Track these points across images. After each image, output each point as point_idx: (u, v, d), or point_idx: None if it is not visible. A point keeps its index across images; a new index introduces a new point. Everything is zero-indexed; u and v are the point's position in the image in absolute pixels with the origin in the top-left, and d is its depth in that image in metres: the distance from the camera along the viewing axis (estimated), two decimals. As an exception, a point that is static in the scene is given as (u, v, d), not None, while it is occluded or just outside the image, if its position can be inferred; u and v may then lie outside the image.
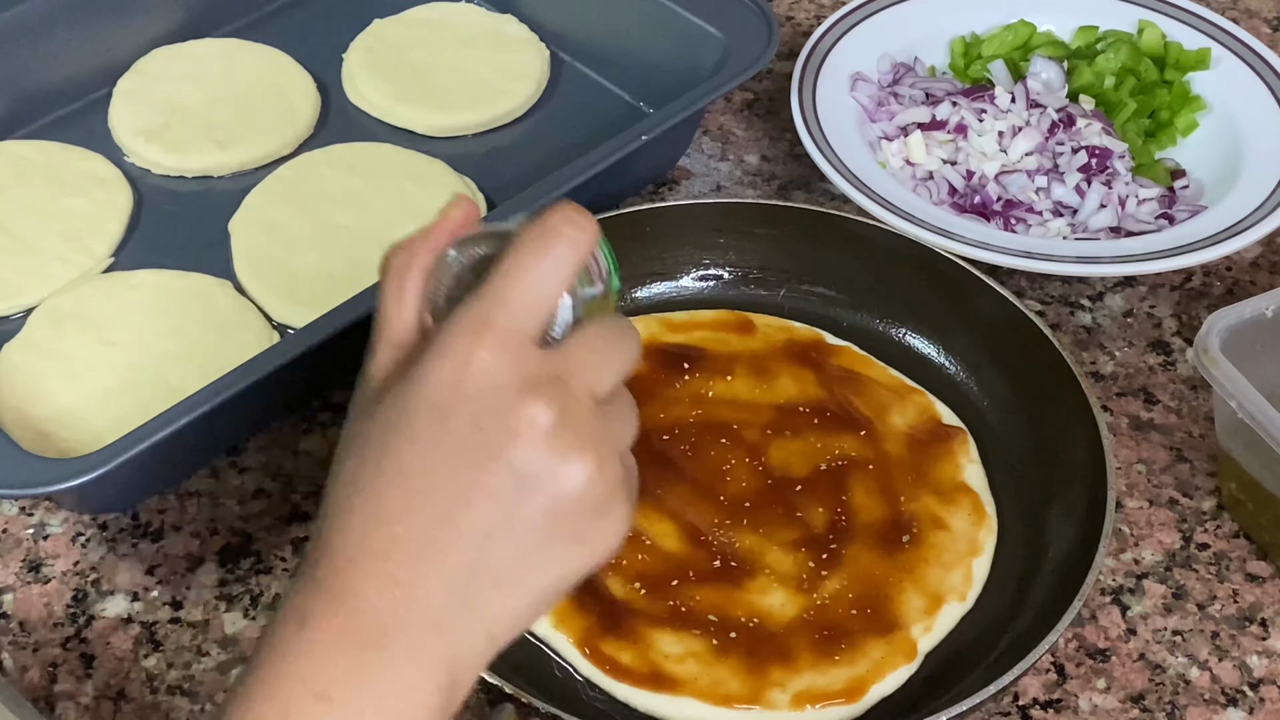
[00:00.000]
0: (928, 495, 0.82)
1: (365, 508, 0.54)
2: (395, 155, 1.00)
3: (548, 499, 0.54)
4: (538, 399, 0.54)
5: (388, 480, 0.54)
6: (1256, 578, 0.83)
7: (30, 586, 0.81)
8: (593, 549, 0.56)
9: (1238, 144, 1.00)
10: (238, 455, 0.87)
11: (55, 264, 0.92)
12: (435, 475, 0.54)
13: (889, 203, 0.93)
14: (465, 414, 0.54)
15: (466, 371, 0.54)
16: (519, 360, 0.54)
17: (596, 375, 0.56)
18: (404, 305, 0.58)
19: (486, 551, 0.54)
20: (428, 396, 0.54)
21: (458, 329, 0.55)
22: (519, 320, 0.55)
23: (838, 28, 1.05)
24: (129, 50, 1.05)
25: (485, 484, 0.54)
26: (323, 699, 0.53)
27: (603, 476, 0.55)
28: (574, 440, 0.54)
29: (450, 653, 0.54)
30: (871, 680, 0.75)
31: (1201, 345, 0.79)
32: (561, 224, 0.56)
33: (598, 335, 0.57)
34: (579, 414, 0.55)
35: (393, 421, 0.55)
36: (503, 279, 0.55)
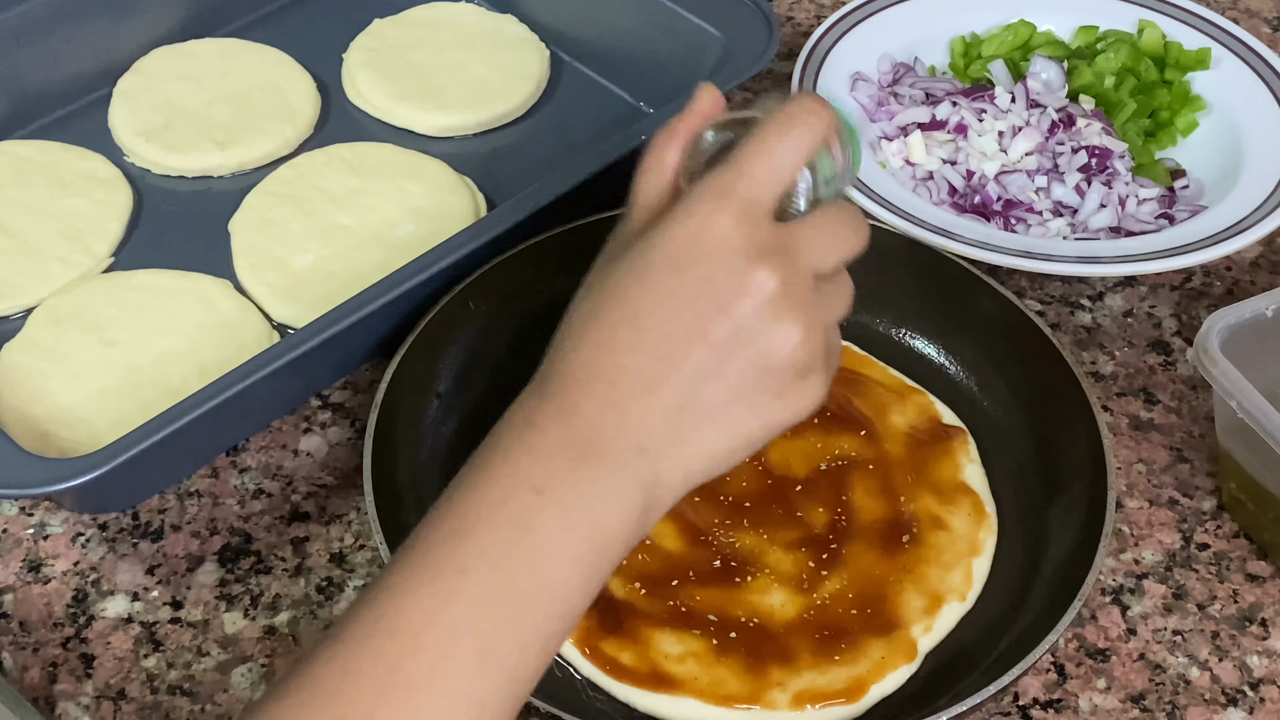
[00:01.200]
0: (928, 495, 0.82)
1: (598, 338, 0.61)
2: (395, 155, 1.00)
3: (759, 353, 0.61)
4: (765, 265, 0.60)
5: (621, 317, 0.61)
6: (1256, 578, 0.83)
7: (30, 586, 0.81)
8: (789, 407, 0.62)
9: (1238, 144, 1.00)
10: (238, 455, 0.87)
11: (55, 264, 0.92)
12: (664, 317, 0.60)
13: (889, 203, 0.93)
14: (699, 268, 0.60)
15: (706, 231, 0.60)
16: (754, 228, 0.60)
17: (821, 254, 0.62)
18: (661, 175, 0.65)
19: (698, 391, 0.60)
20: (667, 249, 0.61)
21: (702, 194, 0.61)
22: (758, 191, 0.61)
23: (838, 28, 1.06)
24: (129, 50, 1.05)
25: (707, 331, 0.60)
26: (538, 492, 0.59)
27: (809, 344, 0.61)
28: (792, 307, 0.60)
29: (650, 477, 0.60)
30: (871, 680, 0.75)
31: (1201, 345, 0.79)
32: (801, 111, 0.62)
33: (828, 218, 0.63)
34: (800, 285, 0.61)
35: (634, 267, 0.61)
36: (746, 154, 0.61)
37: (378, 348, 0.89)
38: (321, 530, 0.83)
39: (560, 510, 0.59)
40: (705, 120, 0.66)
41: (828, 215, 0.63)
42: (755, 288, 0.60)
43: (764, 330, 0.60)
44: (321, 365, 0.88)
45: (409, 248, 0.89)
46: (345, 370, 0.91)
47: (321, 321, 0.81)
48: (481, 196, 0.98)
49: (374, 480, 0.77)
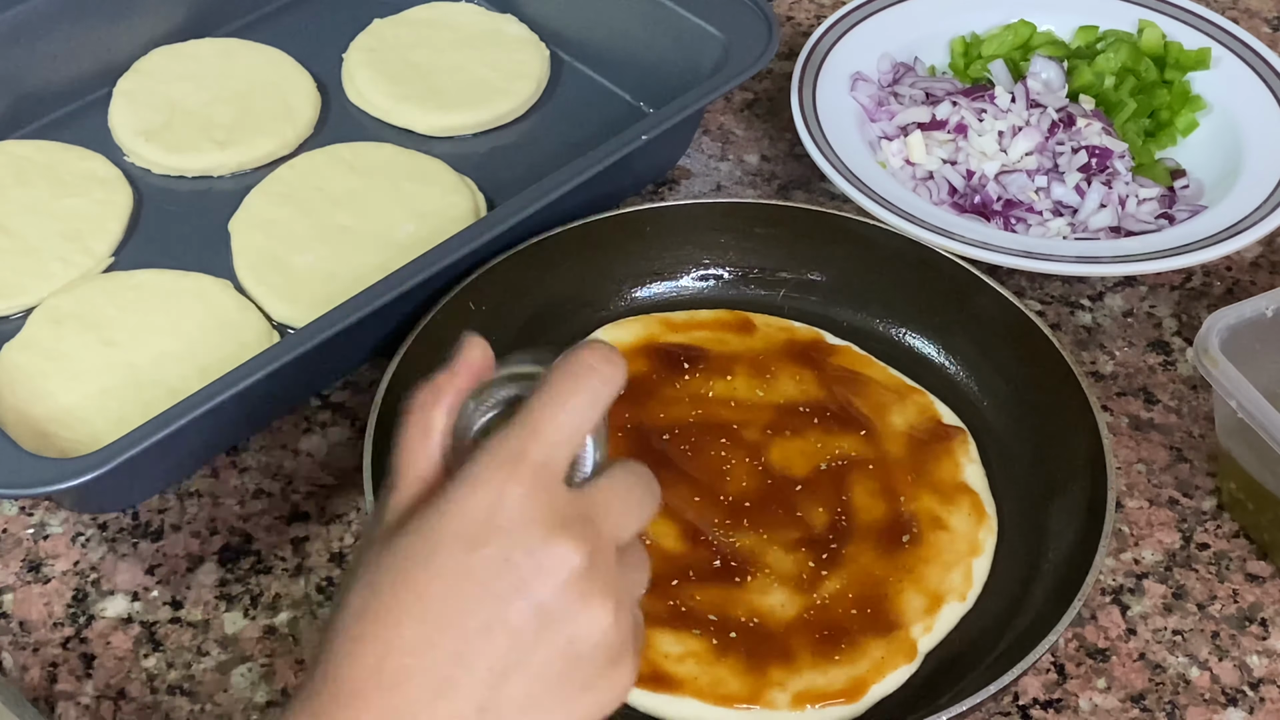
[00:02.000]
0: (928, 495, 0.82)
1: (377, 637, 0.53)
2: (395, 155, 1.00)
3: (566, 641, 0.54)
4: (569, 539, 0.53)
5: (405, 610, 0.53)
6: (1256, 578, 0.83)
7: (30, 586, 0.81)
8: (600, 699, 0.55)
9: (1238, 144, 1.00)
10: (238, 455, 0.87)
11: (55, 264, 0.92)
12: (457, 606, 0.53)
13: (889, 203, 0.93)
14: (495, 547, 0.53)
15: (499, 504, 0.53)
16: (551, 497, 0.54)
17: (622, 521, 0.56)
18: (429, 442, 0.57)
19: (499, 690, 0.53)
20: (456, 526, 0.53)
21: (490, 461, 0.54)
22: (552, 455, 0.54)
23: (838, 28, 1.05)
24: (129, 50, 1.05)
25: (508, 619, 0.53)
26: None
27: (619, 625, 0.55)
28: (599, 585, 0.54)
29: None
30: (871, 680, 0.75)
31: (1201, 345, 0.79)
32: (596, 361, 0.56)
33: (624, 481, 0.57)
34: (605, 559, 0.55)
35: (414, 551, 0.54)
36: (537, 413, 0.54)
37: (378, 348, 0.89)
38: (321, 530, 0.83)
39: None
40: (476, 377, 0.58)
41: (623, 476, 0.57)
42: (559, 564, 0.53)
43: (570, 614, 0.53)
44: (321, 365, 0.88)
45: (409, 248, 0.89)
46: (345, 370, 0.91)
47: (321, 321, 0.81)
48: (481, 196, 0.98)
49: (374, 480, 0.77)
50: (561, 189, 0.88)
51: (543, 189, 0.88)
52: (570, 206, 0.89)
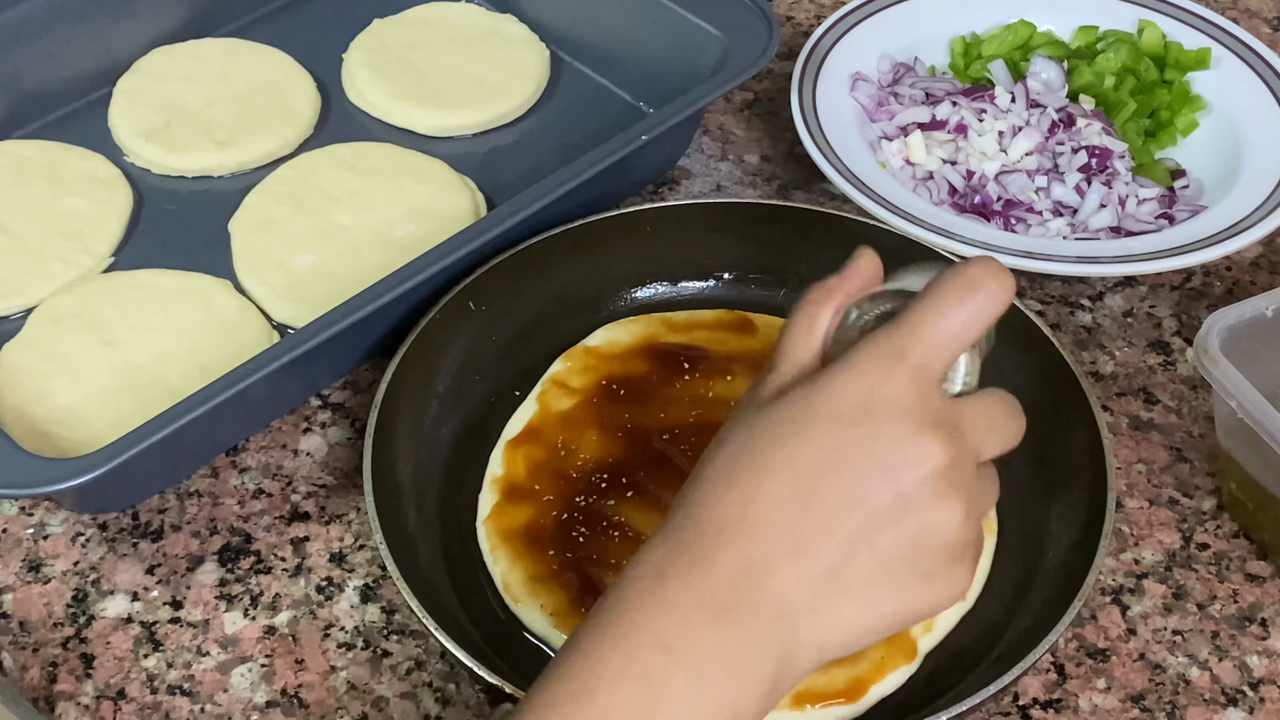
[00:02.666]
0: (928, 495, 0.82)
1: (746, 485, 0.56)
2: (395, 155, 1.00)
3: (916, 529, 0.56)
4: (936, 437, 0.56)
5: (774, 469, 0.56)
6: (1256, 578, 0.83)
7: (30, 586, 0.81)
8: (935, 593, 0.57)
9: (1238, 144, 1.00)
10: (238, 455, 0.87)
11: (55, 264, 0.92)
12: (822, 473, 0.56)
13: (889, 203, 0.93)
14: (867, 427, 0.56)
15: (876, 391, 0.56)
16: (926, 396, 0.57)
17: (987, 439, 0.58)
18: (813, 335, 0.61)
19: (847, 558, 0.56)
20: (833, 404, 0.56)
21: (873, 352, 0.57)
22: (930, 357, 0.57)
23: (838, 28, 1.06)
24: (129, 50, 1.05)
25: (867, 497, 0.56)
26: (669, 650, 0.54)
27: (967, 528, 0.57)
28: (956, 486, 0.56)
29: (788, 643, 0.56)
30: (871, 680, 0.75)
31: (1201, 345, 0.79)
32: (987, 276, 0.58)
33: (994, 403, 0.59)
34: (966, 465, 0.57)
35: (792, 419, 0.57)
36: (923, 315, 0.57)
37: (378, 348, 0.89)
38: (321, 530, 0.83)
39: (693, 673, 0.54)
40: (864, 286, 0.62)
41: (994, 400, 0.60)
42: (924, 457, 0.56)
43: (927, 505, 0.56)
44: (321, 365, 0.88)
45: (409, 248, 0.89)
46: (345, 370, 0.91)
47: (321, 321, 0.81)
48: (481, 196, 0.98)
49: (374, 480, 0.77)
50: (561, 189, 0.88)
51: (543, 189, 0.88)
52: (570, 206, 0.89)
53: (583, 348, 0.89)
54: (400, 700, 0.76)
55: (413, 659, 0.78)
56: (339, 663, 0.77)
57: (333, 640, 0.78)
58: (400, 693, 0.76)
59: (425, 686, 0.77)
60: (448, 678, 0.77)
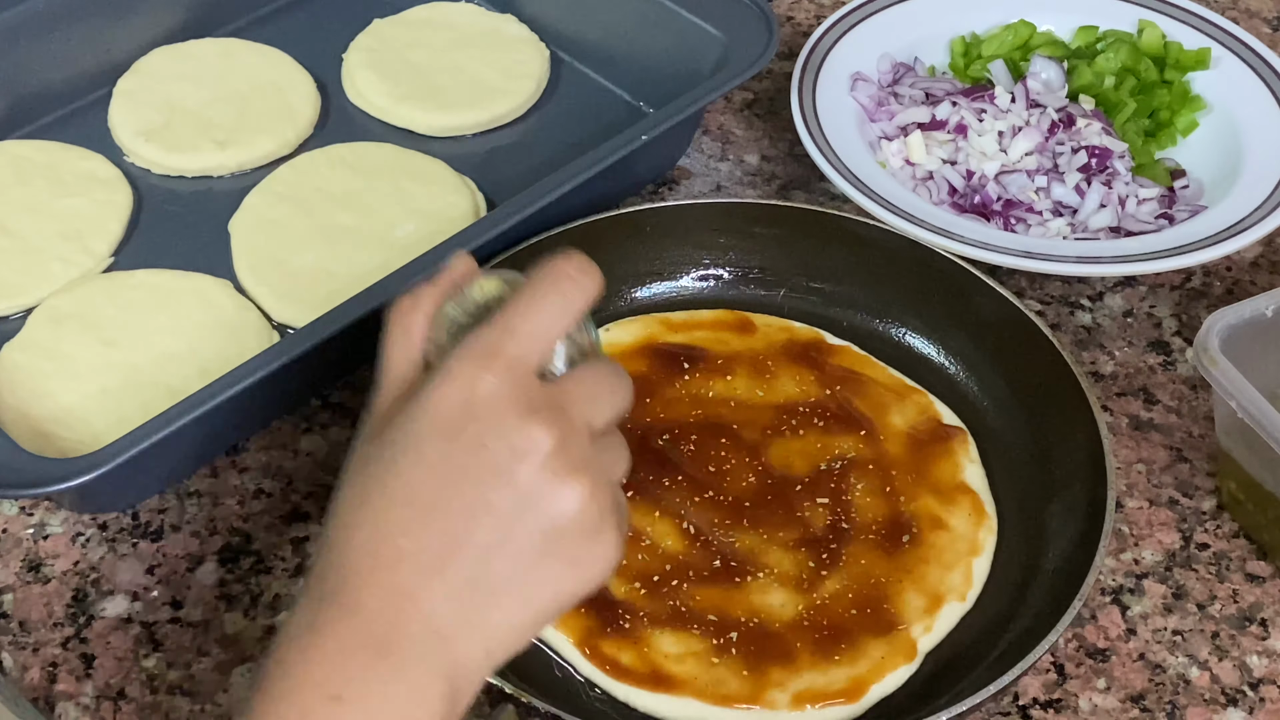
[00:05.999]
0: (928, 495, 0.82)
1: (374, 523, 0.57)
2: (395, 155, 1.00)
3: (545, 518, 0.57)
4: (540, 423, 0.57)
5: (395, 497, 0.57)
6: (1256, 578, 0.83)
7: (30, 586, 0.81)
8: (584, 571, 0.59)
9: (1238, 144, 1.00)
10: (238, 455, 0.87)
11: (55, 264, 0.92)
12: (441, 489, 0.57)
13: (889, 203, 0.93)
14: (471, 434, 0.57)
15: (473, 394, 0.57)
16: (524, 387, 0.58)
17: (593, 409, 0.60)
18: (410, 345, 0.62)
19: (487, 566, 0.57)
20: (435, 417, 0.57)
21: (467, 354, 0.58)
22: (525, 350, 0.58)
23: (838, 28, 1.06)
24: (129, 50, 1.05)
25: (489, 501, 0.57)
26: (337, 700, 0.55)
27: (596, 501, 0.58)
28: (571, 465, 0.57)
29: (451, 661, 0.57)
30: (871, 680, 0.75)
31: (1201, 345, 0.79)
32: (572, 270, 0.60)
33: (594, 373, 0.61)
34: (577, 441, 0.58)
35: (400, 442, 0.58)
36: (513, 312, 0.59)
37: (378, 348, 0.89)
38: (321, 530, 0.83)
39: (364, 712, 0.55)
40: (455, 287, 0.63)
41: (593, 371, 0.61)
42: (532, 448, 0.57)
43: (547, 493, 0.57)
44: (321, 365, 0.88)
45: (409, 248, 0.89)
46: (345, 370, 0.91)
47: (321, 321, 0.81)
48: (481, 196, 0.98)
49: (374, 480, 0.77)
50: (561, 189, 0.88)
51: (543, 189, 0.88)
52: (570, 206, 0.89)
53: (583, 348, 0.89)
54: (400, 700, 0.76)
55: (413, 659, 0.78)
56: (339, 663, 0.77)
57: (333, 640, 0.78)
58: (400, 693, 0.76)
59: (425, 686, 0.77)
60: (448, 678, 0.77)
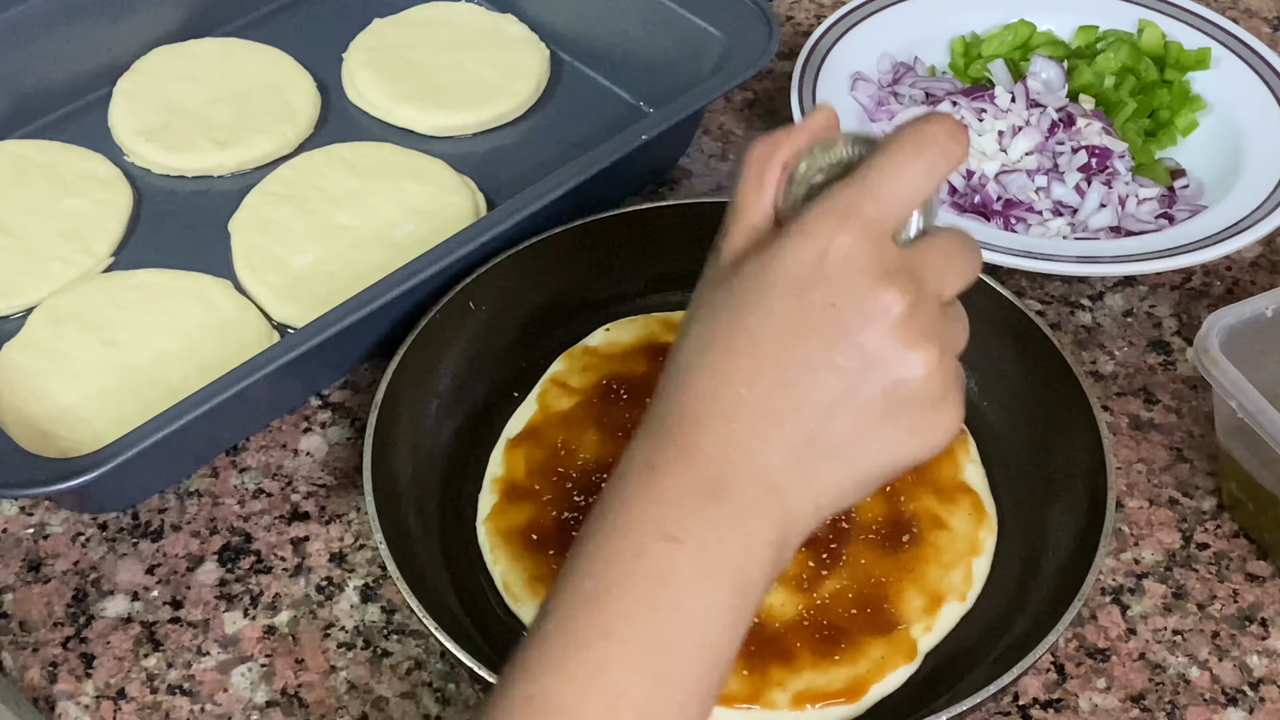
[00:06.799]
0: (928, 495, 0.82)
1: (715, 368, 0.57)
2: (395, 155, 1.00)
3: (889, 382, 0.57)
4: (892, 287, 0.56)
5: (739, 346, 0.57)
6: (1256, 578, 0.83)
7: (30, 586, 0.81)
8: (922, 440, 0.59)
9: (1238, 144, 1.00)
10: (238, 455, 0.87)
11: (55, 264, 0.92)
12: (786, 345, 0.57)
13: (889, 203, 0.92)
14: (822, 291, 0.56)
15: (828, 252, 0.56)
16: (879, 249, 0.57)
17: (946, 278, 0.59)
18: (763, 193, 0.60)
19: (825, 423, 0.57)
20: (787, 271, 0.57)
21: (824, 211, 0.57)
22: (883, 213, 0.57)
23: (838, 27, 1.06)
24: (129, 50, 1.05)
25: (833, 359, 0.56)
26: (672, 539, 0.55)
27: (941, 369, 0.58)
28: (921, 331, 0.57)
29: (782, 512, 0.57)
30: (871, 680, 0.75)
31: (1201, 345, 0.79)
32: (941, 133, 0.58)
33: (951, 241, 0.59)
34: (927, 309, 0.57)
35: (748, 291, 0.58)
36: (876, 172, 0.57)
37: (378, 348, 0.89)
38: (321, 530, 0.83)
39: (698, 557, 0.56)
40: (813, 138, 0.61)
41: (948, 240, 0.60)
42: (883, 312, 0.56)
43: (894, 357, 0.57)
44: (321, 365, 0.88)
45: (409, 248, 0.89)
46: (345, 370, 0.91)
47: (321, 321, 0.81)
48: (481, 196, 0.98)
49: (374, 480, 0.77)
50: (561, 189, 0.88)
51: (543, 189, 0.88)
52: (570, 206, 0.89)
53: (583, 348, 0.89)
54: (400, 700, 0.76)
55: (413, 659, 0.78)
56: (339, 662, 0.77)
57: (333, 640, 0.78)
58: (400, 693, 0.76)
59: (425, 686, 0.77)
60: (448, 678, 0.77)
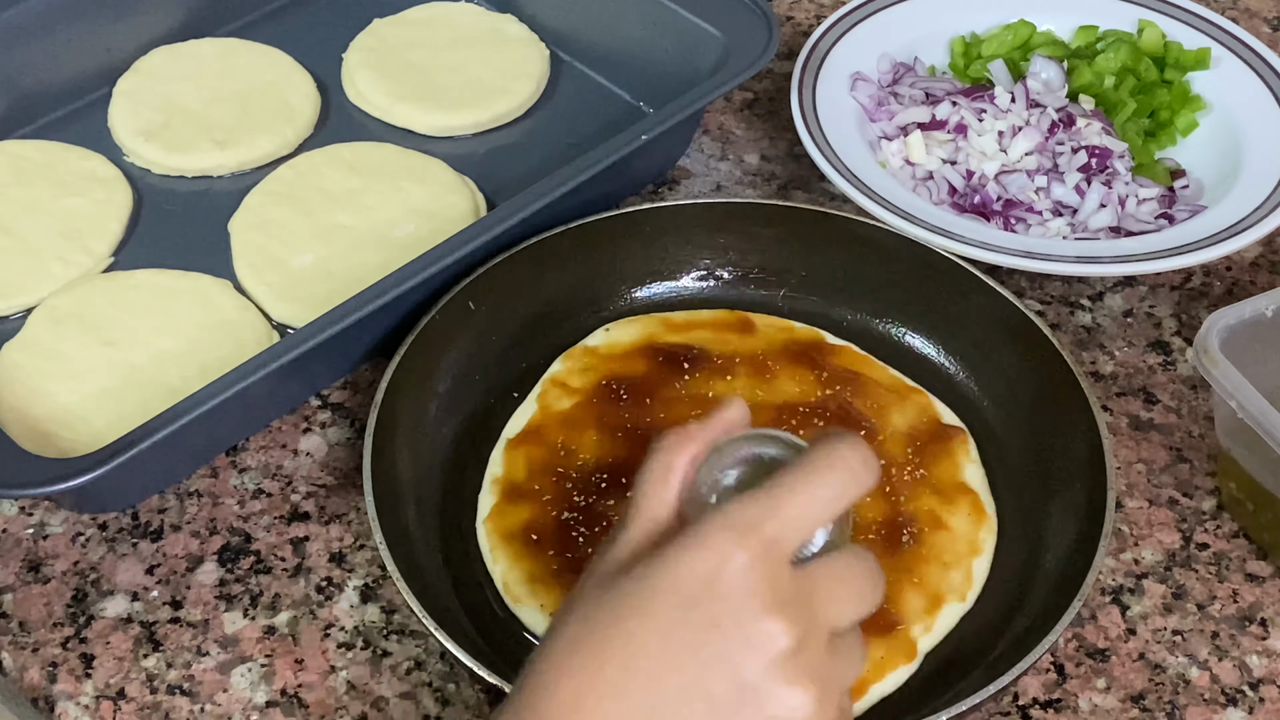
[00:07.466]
0: (928, 495, 0.82)
1: (583, 674, 0.54)
2: (395, 155, 1.00)
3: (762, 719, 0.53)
4: (782, 618, 0.53)
5: (612, 653, 0.54)
6: (1256, 578, 0.83)
7: (30, 586, 0.81)
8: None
9: (1238, 144, 1.00)
10: (238, 455, 0.87)
11: (55, 264, 0.92)
12: (661, 662, 0.53)
13: (889, 203, 0.93)
14: (708, 609, 0.53)
15: (722, 569, 0.53)
16: (774, 574, 0.54)
17: (840, 608, 0.56)
18: (668, 486, 0.58)
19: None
20: (677, 581, 0.54)
21: (724, 524, 0.54)
22: (786, 533, 0.54)
23: (838, 27, 1.05)
24: (129, 50, 1.05)
25: (708, 685, 0.53)
26: None
27: (821, 713, 0.54)
28: (805, 669, 0.54)
29: None
30: (871, 680, 0.75)
31: (1201, 345, 0.79)
32: (854, 458, 0.56)
33: (849, 567, 0.56)
34: (816, 645, 0.54)
35: (633, 596, 0.54)
36: (784, 490, 0.55)
37: (378, 348, 0.89)
38: (321, 530, 0.83)
39: None
40: (726, 433, 0.60)
41: (850, 564, 0.56)
42: (766, 641, 0.53)
43: (772, 694, 0.53)
44: (321, 365, 0.88)
45: (409, 248, 0.89)
46: (345, 370, 0.91)
47: (321, 321, 0.81)
48: (481, 196, 0.98)
49: (374, 480, 0.77)
50: (561, 189, 0.88)
51: (543, 189, 0.88)
52: (570, 206, 0.89)
53: (583, 348, 0.89)
54: (400, 700, 0.76)
55: (413, 659, 0.78)
56: (339, 663, 0.77)
57: (333, 640, 0.78)
58: (400, 693, 0.76)
59: (425, 686, 0.77)
60: (448, 678, 0.77)
